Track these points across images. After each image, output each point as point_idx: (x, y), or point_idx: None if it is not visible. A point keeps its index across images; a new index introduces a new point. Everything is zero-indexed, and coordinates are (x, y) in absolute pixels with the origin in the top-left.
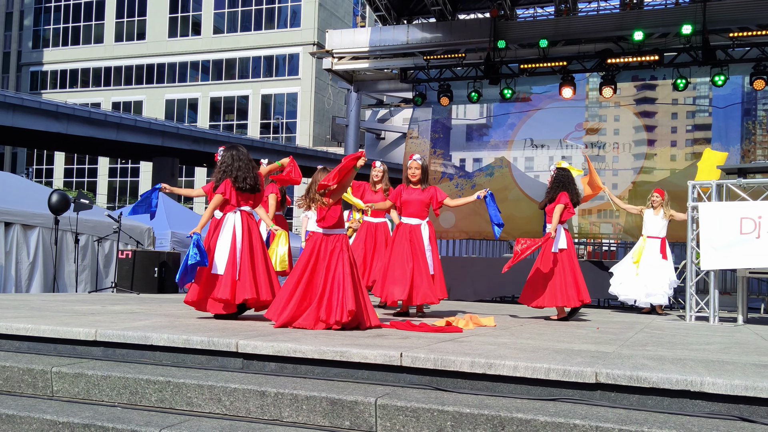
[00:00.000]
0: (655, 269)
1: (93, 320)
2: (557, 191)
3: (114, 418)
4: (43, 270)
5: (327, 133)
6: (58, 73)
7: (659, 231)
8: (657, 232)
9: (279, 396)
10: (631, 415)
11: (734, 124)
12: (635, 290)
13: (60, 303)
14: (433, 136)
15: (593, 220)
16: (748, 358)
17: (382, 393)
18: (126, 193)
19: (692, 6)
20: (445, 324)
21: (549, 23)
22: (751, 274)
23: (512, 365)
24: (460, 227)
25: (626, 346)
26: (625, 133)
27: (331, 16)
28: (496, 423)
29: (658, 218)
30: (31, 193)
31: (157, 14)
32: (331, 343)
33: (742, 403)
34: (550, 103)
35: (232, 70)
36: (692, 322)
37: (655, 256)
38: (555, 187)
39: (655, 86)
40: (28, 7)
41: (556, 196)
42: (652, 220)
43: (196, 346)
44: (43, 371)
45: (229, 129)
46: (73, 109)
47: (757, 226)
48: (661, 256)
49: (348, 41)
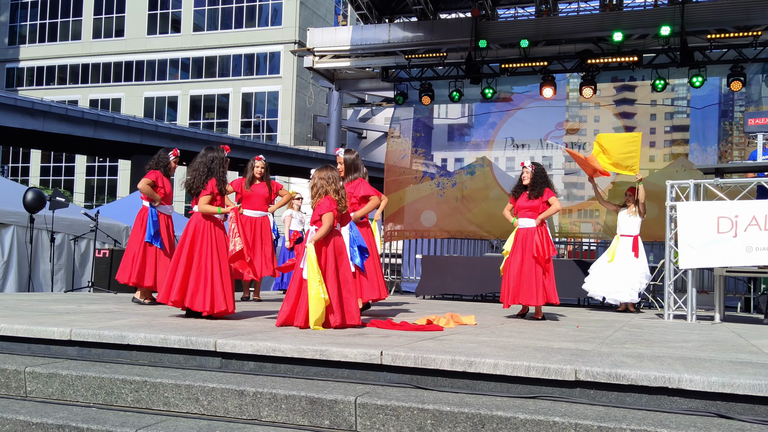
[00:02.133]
0: (627, 266)
1: (68, 319)
2: (542, 186)
3: (89, 419)
4: (17, 269)
5: (308, 131)
6: (34, 70)
7: (631, 229)
8: (629, 230)
9: (258, 395)
10: (610, 413)
11: (711, 125)
12: (605, 287)
13: (35, 302)
14: (415, 135)
15: (573, 219)
16: (725, 356)
17: (362, 392)
18: (104, 191)
19: (671, 7)
20: (425, 323)
21: (530, 23)
22: (728, 273)
23: (492, 363)
24: (441, 226)
25: (605, 344)
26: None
27: (312, 15)
28: (476, 421)
29: (630, 216)
30: (5, 190)
31: (136, 11)
32: (310, 342)
33: (720, 400)
34: (530, 103)
35: (213, 68)
36: (670, 321)
37: (627, 254)
38: (539, 182)
39: (634, 87)
40: (4, 4)
41: (542, 191)
42: (625, 218)
43: (174, 345)
44: (16, 371)
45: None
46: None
47: (734, 225)
48: (633, 254)
49: (329, 39)
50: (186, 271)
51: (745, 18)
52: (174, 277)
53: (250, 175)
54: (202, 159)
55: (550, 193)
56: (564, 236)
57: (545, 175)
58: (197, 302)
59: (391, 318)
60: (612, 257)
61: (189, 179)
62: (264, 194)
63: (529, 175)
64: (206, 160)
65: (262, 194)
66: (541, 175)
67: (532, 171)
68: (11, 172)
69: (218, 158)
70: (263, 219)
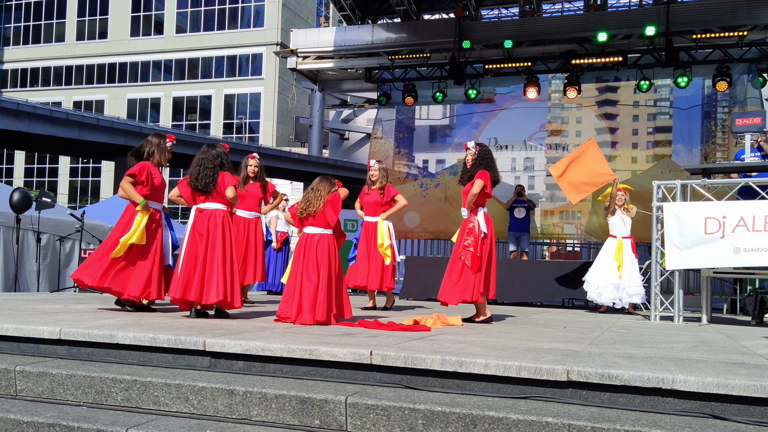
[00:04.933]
0: (632, 269)
1: (57, 319)
2: (477, 168)
3: (79, 418)
4: (3, 269)
5: (290, 133)
6: (18, 72)
7: (628, 231)
8: (627, 232)
9: (247, 395)
10: (603, 413)
11: (695, 126)
12: (615, 292)
13: (22, 302)
14: (398, 136)
15: (556, 221)
16: (717, 356)
17: (353, 391)
18: (87, 192)
19: (656, 7)
20: (412, 323)
21: (513, 24)
22: (715, 274)
23: (483, 363)
24: (424, 227)
25: (595, 344)
26: (588, 135)
27: (294, 17)
28: (468, 421)
29: (625, 217)
30: None
31: (119, 13)
32: (299, 341)
33: (714, 401)
34: (514, 104)
35: (195, 70)
36: (657, 322)
37: (630, 256)
38: (477, 164)
39: (616, 88)
40: None
41: (475, 174)
42: (622, 220)
43: (163, 345)
44: (6, 370)
45: (192, 129)
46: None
47: (722, 226)
48: (633, 256)
49: (313, 40)
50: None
51: (730, 18)
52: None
53: (243, 174)
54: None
55: (478, 176)
56: (547, 238)
57: (486, 156)
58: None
59: (377, 318)
60: (620, 263)
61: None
62: (258, 194)
63: (472, 157)
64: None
65: (256, 194)
66: (481, 156)
67: (476, 152)
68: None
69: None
70: (256, 220)
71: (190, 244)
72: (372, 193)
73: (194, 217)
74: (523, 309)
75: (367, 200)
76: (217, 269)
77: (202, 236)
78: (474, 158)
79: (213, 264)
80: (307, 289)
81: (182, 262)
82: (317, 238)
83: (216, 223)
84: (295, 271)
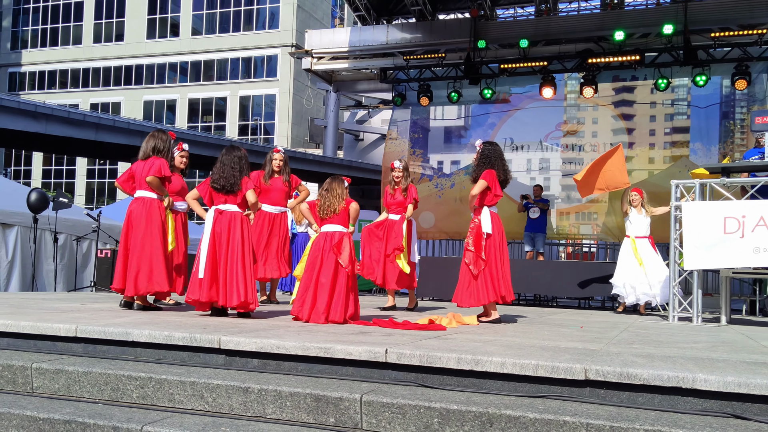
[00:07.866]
0: (657, 266)
1: (73, 317)
2: (482, 168)
3: (95, 414)
4: (21, 269)
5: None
6: (36, 75)
7: (646, 230)
8: (644, 232)
9: (262, 392)
10: (621, 413)
11: (713, 125)
12: (644, 291)
13: (39, 301)
14: (413, 137)
15: (572, 221)
16: (738, 356)
17: (368, 389)
18: (104, 194)
19: (673, 6)
20: (427, 322)
21: (529, 23)
22: (735, 275)
23: (500, 362)
24: (439, 227)
25: (613, 344)
26: (604, 135)
27: (309, 18)
28: (485, 420)
29: (641, 217)
30: (9, 191)
31: (136, 15)
32: (314, 339)
33: (735, 400)
34: (529, 104)
35: (211, 72)
36: (675, 323)
37: (651, 254)
38: (481, 164)
39: (633, 88)
40: (6, 8)
41: (480, 174)
42: (638, 219)
43: (178, 342)
44: (23, 367)
45: (207, 130)
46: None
47: (741, 226)
48: (656, 253)
49: (327, 41)
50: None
51: (749, 16)
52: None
53: (268, 168)
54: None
55: (483, 176)
56: (563, 238)
57: (490, 155)
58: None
59: (392, 317)
60: (640, 261)
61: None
62: (283, 189)
63: (476, 157)
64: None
65: (281, 188)
66: (485, 156)
67: (478, 151)
68: (13, 175)
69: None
70: (282, 215)
71: (212, 246)
72: (396, 193)
73: (213, 218)
74: (539, 309)
75: (390, 202)
76: (238, 271)
77: (222, 238)
78: (478, 158)
79: (234, 266)
80: (323, 288)
81: (204, 264)
82: (338, 237)
83: (236, 225)
84: (311, 268)
